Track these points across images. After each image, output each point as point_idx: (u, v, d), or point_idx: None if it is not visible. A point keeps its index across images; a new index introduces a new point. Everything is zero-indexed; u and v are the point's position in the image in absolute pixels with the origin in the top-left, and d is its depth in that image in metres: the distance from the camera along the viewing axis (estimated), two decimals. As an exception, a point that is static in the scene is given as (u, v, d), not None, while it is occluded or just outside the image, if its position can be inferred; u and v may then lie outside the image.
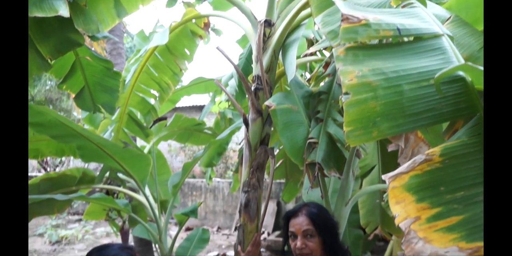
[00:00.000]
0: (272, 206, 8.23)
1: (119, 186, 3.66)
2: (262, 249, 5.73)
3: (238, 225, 2.40)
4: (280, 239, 7.54)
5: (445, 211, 1.06)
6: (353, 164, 2.27)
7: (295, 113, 2.24)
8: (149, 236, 2.72)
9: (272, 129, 2.52)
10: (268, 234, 7.86)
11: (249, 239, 2.39)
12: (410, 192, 1.07)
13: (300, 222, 1.70)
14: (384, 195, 1.87)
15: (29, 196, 2.67)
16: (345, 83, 1.18)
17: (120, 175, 3.52)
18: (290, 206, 8.15)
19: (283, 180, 8.60)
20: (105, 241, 7.84)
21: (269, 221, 8.10)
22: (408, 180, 1.08)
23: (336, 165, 2.20)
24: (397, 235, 3.18)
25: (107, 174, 3.51)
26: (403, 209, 1.03)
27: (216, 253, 7.07)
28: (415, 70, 1.26)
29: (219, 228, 9.25)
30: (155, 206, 2.77)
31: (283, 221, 1.82)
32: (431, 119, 1.22)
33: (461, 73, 1.25)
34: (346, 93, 1.18)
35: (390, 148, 3.09)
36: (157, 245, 2.77)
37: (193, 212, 2.35)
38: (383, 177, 1.09)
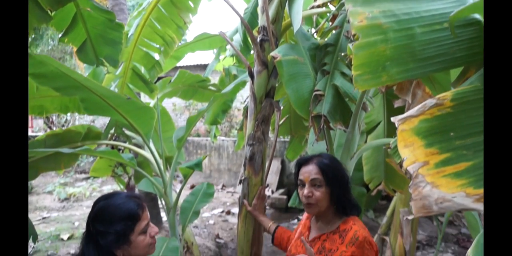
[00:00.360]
0: (276, 165, 8.31)
1: (125, 142, 3.68)
2: (266, 207, 5.83)
3: (243, 178, 2.41)
4: (284, 197, 7.67)
5: (454, 157, 1.04)
6: (359, 118, 2.24)
7: (301, 65, 2.19)
8: (154, 190, 2.75)
9: (277, 85, 2.49)
10: (272, 192, 7.98)
11: (254, 192, 2.40)
12: (419, 137, 1.05)
13: (309, 171, 1.69)
14: (391, 141, 1.86)
15: (36, 150, 2.69)
16: (355, 25, 1.14)
17: (126, 131, 3.53)
18: (294, 164, 8.23)
19: (287, 138, 8.67)
20: (113, 198, 8.01)
21: (273, 179, 8.20)
22: (418, 124, 1.06)
23: (342, 118, 2.17)
24: (400, 191, 3.20)
25: (113, 130, 3.52)
26: (412, 153, 1.02)
27: (221, 210, 7.21)
28: (428, 13, 1.21)
29: (223, 186, 9.40)
30: (160, 161, 2.77)
31: (295, 168, 1.80)
32: (443, 64, 1.19)
33: (477, 16, 1.19)
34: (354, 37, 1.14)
35: (397, 104, 3.07)
36: (162, 199, 2.79)
37: (198, 165, 2.35)
38: (392, 119, 1.07)
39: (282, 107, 3.62)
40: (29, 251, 4.94)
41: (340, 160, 1.81)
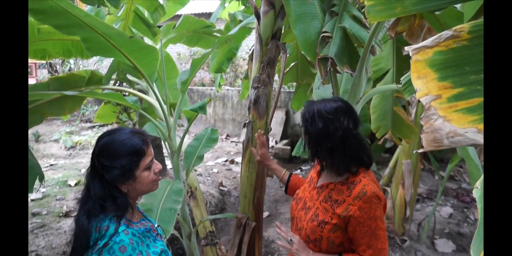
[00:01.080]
0: (280, 115, 8.30)
1: (129, 88, 3.63)
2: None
3: (247, 121, 2.39)
4: (288, 147, 7.73)
5: (467, 92, 1.00)
6: (367, 62, 2.17)
7: (309, 5, 2.10)
8: (159, 134, 2.74)
9: (283, 30, 2.40)
10: (276, 143, 8.03)
11: (258, 136, 2.39)
12: (432, 69, 1.01)
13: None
14: (402, 78, 1.82)
15: (39, 92, 2.66)
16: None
17: (129, 76, 3.47)
18: (298, 115, 8.21)
19: (292, 89, 8.61)
20: (118, 146, 8.11)
21: (277, 130, 8.23)
22: (432, 56, 1.01)
23: (350, 61, 2.11)
24: (407, 140, 3.19)
25: (115, 76, 3.47)
26: (425, 85, 0.98)
27: (225, 159, 7.29)
28: None
29: (228, 135, 9.46)
30: (164, 107, 2.74)
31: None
32: (461, -5, 1.12)
33: None
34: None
35: (406, 51, 2.99)
36: (166, 143, 2.79)
37: (202, 108, 2.32)
38: (406, 48, 1.02)
39: (288, 55, 3.54)
40: (39, 195, 5.07)
41: (344, 112, 1.66)
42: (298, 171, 7.17)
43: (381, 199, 1.57)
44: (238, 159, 7.29)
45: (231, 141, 9.02)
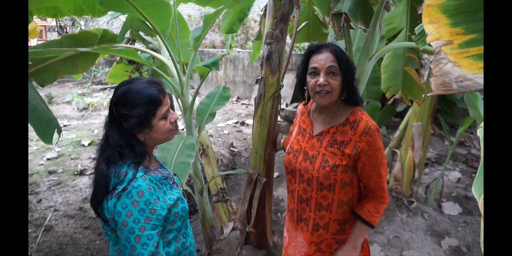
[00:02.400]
0: (291, 78, 8.26)
1: (142, 46, 3.64)
2: (280, 119, 5.90)
3: (259, 77, 2.40)
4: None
5: (480, 38, 1.01)
6: (380, 18, 2.15)
7: (325, -41, 2.07)
8: (171, 91, 2.77)
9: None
10: (286, 105, 8.04)
11: (270, 92, 2.41)
12: (445, 15, 1.01)
13: (325, 58, 1.60)
14: (416, 28, 1.81)
15: (53, 49, 2.68)
16: None
17: (142, 34, 3.46)
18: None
19: (303, 52, 8.51)
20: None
21: (287, 92, 8.21)
22: (446, 1, 1.01)
23: (363, 17, 2.10)
24: (417, 101, 3.19)
25: (129, 34, 3.46)
26: (436, 30, 0.99)
27: (235, 120, 7.33)
28: None
29: (238, 98, 9.47)
30: (177, 64, 2.75)
31: (304, 56, 1.71)
32: None
33: None
34: None
35: (420, 10, 2.94)
36: (179, 100, 2.82)
37: (215, 64, 2.33)
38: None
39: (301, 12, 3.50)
40: (54, 155, 5.20)
41: (357, 62, 1.76)
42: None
43: (379, 131, 1.68)
44: (249, 121, 7.33)
45: (242, 103, 9.04)
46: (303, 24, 3.70)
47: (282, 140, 2.45)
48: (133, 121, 1.37)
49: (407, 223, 4.02)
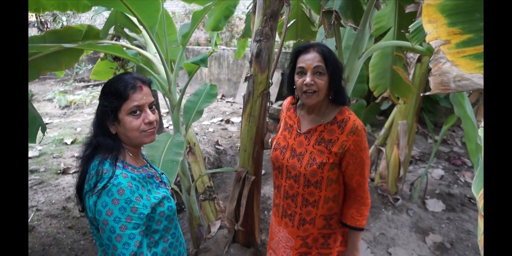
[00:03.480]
0: (276, 76, 8.27)
1: (126, 43, 3.58)
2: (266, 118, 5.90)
3: (249, 75, 2.38)
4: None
5: (476, 38, 1.02)
6: (371, 16, 2.16)
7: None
8: (158, 88, 2.73)
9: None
10: (272, 103, 8.02)
11: (259, 90, 2.40)
12: (443, 14, 1.01)
13: (311, 58, 1.61)
14: (410, 26, 1.82)
15: (36, 44, 2.61)
16: None
17: (127, 31, 3.41)
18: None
19: (289, 50, 8.53)
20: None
21: (273, 90, 8.21)
22: (444, 1, 1.02)
23: (353, 15, 2.11)
24: (404, 100, 3.20)
25: (113, 30, 3.40)
26: (435, 30, 0.99)
27: (220, 118, 7.30)
28: None
29: (223, 96, 9.44)
30: (165, 61, 2.71)
31: (291, 56, 1.73)
32: None
33: None
34: None
35: (408, 9, 2.95)
36: (166, 97, 2.79)
37: (203, 61, 2.30)
38: (421, -11, 1.02)
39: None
40: (36, 153, 5.10)
41: (346, 60, 1.78)
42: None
43: (365, 131, 1.70)
44: (234, 118, 7.31)
45: (227, 101, 9.01)
46: (292, 22, 3.69)
47: (270, 139, 2.45)
48: (101, 109, 1.38)
49: (393, 220, 4.06)
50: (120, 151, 1.42)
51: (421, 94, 2.70)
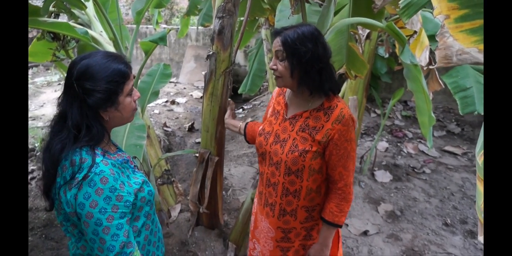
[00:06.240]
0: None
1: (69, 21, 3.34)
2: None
3: (211, 53, 2.30)
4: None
5: (472, 14, 1.02)
6: (335, -7, 2.13)
7: None
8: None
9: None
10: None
11: (221, 68, 2.33)
12: (444, -11, 1.01)
13: (275, 42, 1.59)
14: (400, 2, 1.81)
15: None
16: None
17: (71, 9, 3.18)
18: (239, 53, 8.10)
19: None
20: (47, 90, 7.61)
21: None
22: (445, -25, 1.01)
23: (319, -9, 2.07)
24: (359, 76, 3.24)
25: (52, 7, 3.16)
26: (438, 5, 0.99)
27: (165, 100, 7.13)
28: None
29: (166, 76, 9.19)
30: (119, 40, 2.56)
31: (271, 37, 1.68)
32: None
33: None
34: None
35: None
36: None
37: (162, 39, 2.19)
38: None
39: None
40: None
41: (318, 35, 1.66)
42: (240, 110, 7.20)
43: (354, 122, 1.64)
44: (179, 99, 7.17)
45: (170, 82, 8.79)
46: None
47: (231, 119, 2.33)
48: (99, 96, 1.22)
49: (347, 193, 4.19)
50: (102, 140, 1.32)
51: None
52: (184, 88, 8.15)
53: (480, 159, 0.94)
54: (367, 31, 3.87)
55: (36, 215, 3.56)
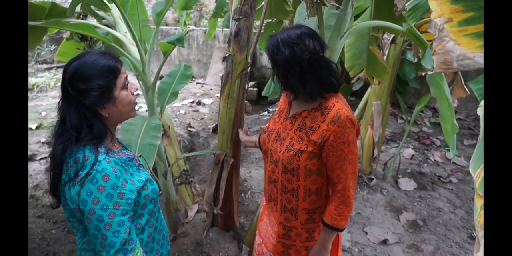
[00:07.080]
0: (248, 57, 8.17)
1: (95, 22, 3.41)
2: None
3: (227, 55, 2.31)
4: (255, 89, 7.71)
5: (478, 17, 0.98)
6: (353, -5, 2.10)
7: None
8: (131, 69, 2.62)
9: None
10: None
11: (238, 70, 2.33)
12: (446, -9, 0.97)
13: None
14: (407, 4, 1.77)
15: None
16: None
17: (96, 10, 3.26)
18: (265, 56, 8.11)
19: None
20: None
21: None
22: (448, -24, 0.97)
23: (336, -7, 2.04)
24: (380, 80, 3.19)
25: (79, 9, 3.24)
26: (439, 7, 0.95)
27: (191, 100, 7.19)
28: None
29: (193, 77, 9.28)
30: (138, 40, 2.59)
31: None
32: None
33: None
34: None
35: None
36: (139, 79, 2.69)
37: (179, 41, 2.20)
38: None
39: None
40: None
41: (327, 40, 1.64)
42: (266, 113, 7.19)
43: (354, 123, 1.59)
44: (205, 100, 7.22)
45: (197, 83, 8.87)
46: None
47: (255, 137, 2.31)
48: (94, 94, 1.25)
49: (368, 199, 4.11)
50: (106, 137, 1.34)
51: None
52: (211, 89, 8.21)
53: (478, 177, 0.89)
54: (392, 35, 3.81)
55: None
